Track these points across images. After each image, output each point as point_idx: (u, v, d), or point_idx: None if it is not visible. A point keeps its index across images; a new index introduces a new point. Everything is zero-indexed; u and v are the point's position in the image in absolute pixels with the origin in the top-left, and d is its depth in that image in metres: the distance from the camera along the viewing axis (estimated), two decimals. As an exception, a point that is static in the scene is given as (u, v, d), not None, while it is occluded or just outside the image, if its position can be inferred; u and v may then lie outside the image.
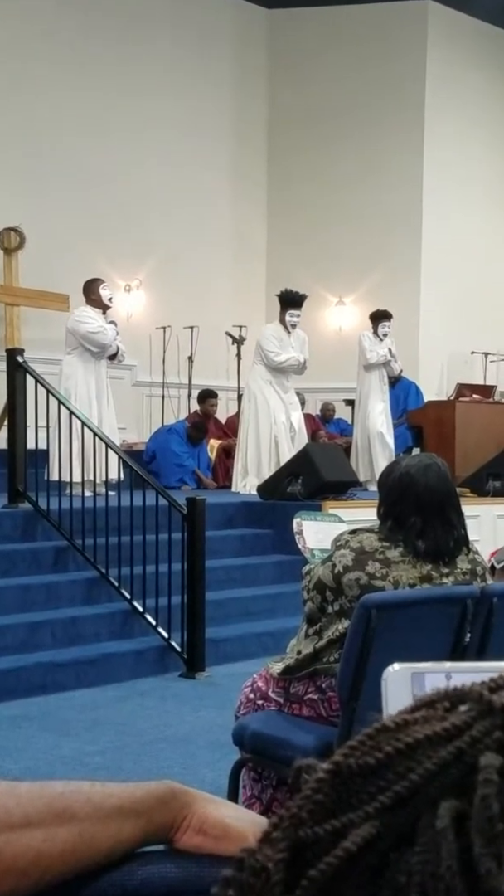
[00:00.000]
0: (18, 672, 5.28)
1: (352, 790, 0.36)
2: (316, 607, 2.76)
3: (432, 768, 0.35)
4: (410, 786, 0.35)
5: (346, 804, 0.36)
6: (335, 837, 0.35)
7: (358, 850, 0.35)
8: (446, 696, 0.38)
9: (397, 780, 0.36)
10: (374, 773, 0.36)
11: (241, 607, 6.55)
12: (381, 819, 0.35)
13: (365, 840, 0.35)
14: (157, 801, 0.77)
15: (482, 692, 0.37)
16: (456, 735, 0.36)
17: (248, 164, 12.65)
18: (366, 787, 0.36)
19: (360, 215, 12.24)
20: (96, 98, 10.90)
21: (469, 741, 0.36)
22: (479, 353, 12.16)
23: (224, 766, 2.99)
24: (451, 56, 12.41)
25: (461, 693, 0.38)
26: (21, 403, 6.69)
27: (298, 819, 0.37)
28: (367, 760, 0.37)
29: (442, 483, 2.74)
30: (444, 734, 0.36)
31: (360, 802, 0.36)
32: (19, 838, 0.72)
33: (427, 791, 0.35)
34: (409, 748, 0.36)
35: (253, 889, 0.36)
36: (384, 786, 0.36)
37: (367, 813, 0.36)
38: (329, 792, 0.37)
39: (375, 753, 0.37)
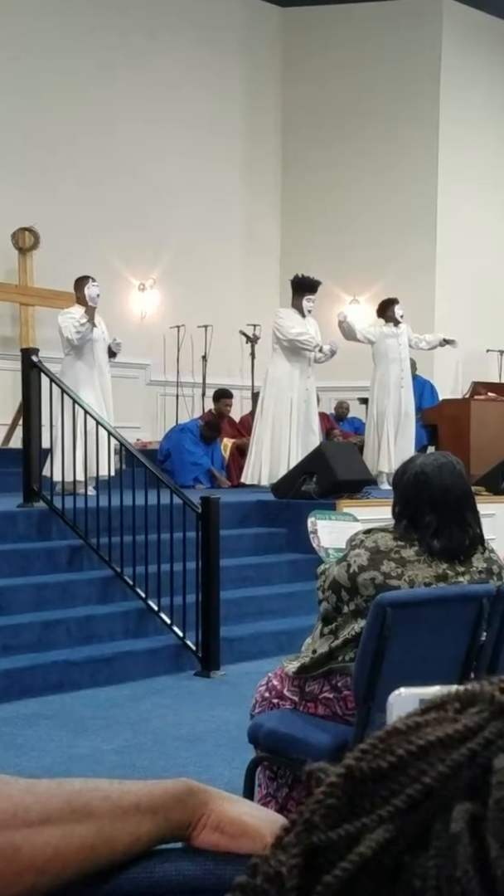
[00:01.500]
0: (34, 671, 5.30)
1: (364, 794, 0.36)
2: (331, 607, 2.76)
3: (445, 771, 0.35)
4: (424, 789, 0.35)
5: (358, 808, 0.36)
6: (349, 842, 0.35)
7: (373, 855, 0.35)
8: (457, 697, 0.38)
9: (410, 783, 0.35)
10: (387, 776, 0.36)
11: (255, 606, 6.55)
12: (395, 823, 0.35)
13: (379, 844, 0.34)
14: (175, 799, 0.78)
15: (493, 693, 0.37)
16: (469, 737, 0.36)
17: (261, 163, 12.65)
18: (378, 791, 0.36)
19: (375, 213, 12.22)
20: (110, 97, 10.92)
21: (483, 743, 0.35)
22: (494, 351, 12.12)
23: (239, 765, 2.99)
24: (466, 53, 12.38)
25: (472, 694, 0.38)
26: (36, 403, 6.70)
27: (311, 824, 0.36)
28: (379, 764, 0.36)
29: (457, 481, 2.73)
30: (457, 736, 0.36)
31: (374, 806, 0.36)
32: (38, 835, 0.73)
33: (441, 794, 0.35)
34: (422, 751, 0.36)
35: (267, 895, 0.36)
36: (397, 789, 0.36)
37: (381, 817, 0.35)
38: (341, 796, 0.36)
39: (388, 757, 0.36)
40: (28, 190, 10.05)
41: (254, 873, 0.37)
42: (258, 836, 0.75)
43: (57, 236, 9.86)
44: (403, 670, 2.55)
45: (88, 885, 0.76)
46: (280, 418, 8.53)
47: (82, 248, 10.20)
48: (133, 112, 11.15)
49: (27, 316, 9.68)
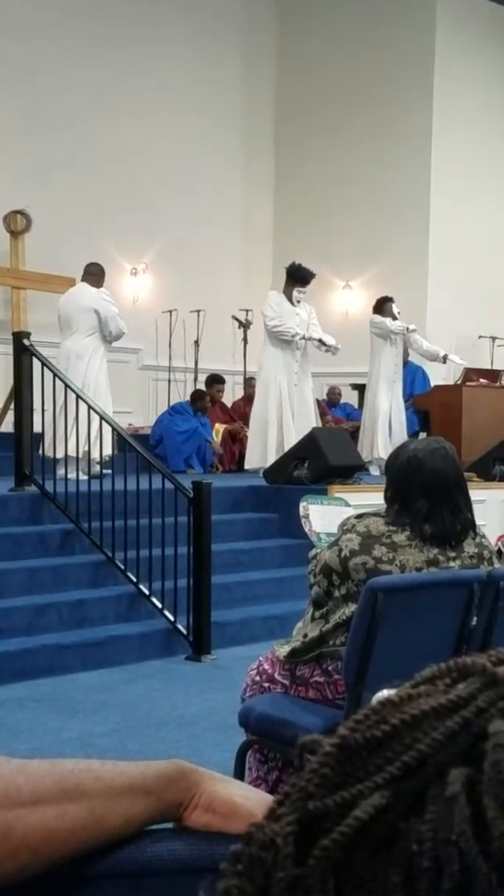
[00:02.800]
0: (25, 654, 5.30)
1: (359, 763, 0.37)
2: (322, 591, 2.77)
3: (440, 738, 0.35)
4: (418, 755, 0.35)
5: (353, 777, 0.36)
6: (344, 809, 0.35)
7: (368, 820, 0.35)
8: (448, 671, 0.38)
9: (405, 750, 0.36)
10: (381, 745, 0.37)
11: (246, 591, 6.56)
12: (391, 789, 0.35)
13: (375, 809, 0.35)
14: (167, 780, 0.78)
15: (485, 664, 0.37)
16: (462, 706, 0.36)
17: (255, 148, 12.60)
18: (373, 760, 0.36)
19: (368, 199, 12.19)
20: (104, 81, 10.85)
21: (475, 711, 0.36)
22: (486, 337, 12.12)
23: (230, 748, 3.00)
24: (461, 39, 12.32)
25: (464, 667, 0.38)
26: (27, 387, 6.69)
27: (306, 793, 0.37)
28: (373, 733, 0.37)
29: (449, 467, 2.73)
30: (450, 705, 0.36)
31: (368, 774, 0.36)
32: (30, 815, 0.73)
33: (435, 760, 0.35)
34: (416, 720, 0.36)
35: (262, 863, 0.36)
36: (392, 757, 0.36)
37: (377, 783, 0.36)
38: (335, 766, 0.37)
39: (382, 726, 0.37)
40: (20, 173, 10.00)
41: (248, 842, 0.37)
42: (249, 817, 0.75)
43: (49, 220, 9.81)
44: (394, 655, 2.56)
45: (80, 865, 0.76)
46: (269, 402, 8.53)
47: (74, 232, 10.16)
48: (127, 97, 11.08)
49: (19, 299, 9.64)
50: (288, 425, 8.48)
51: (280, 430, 8.49)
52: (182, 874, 0.76)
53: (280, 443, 8.42)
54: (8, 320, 9.61)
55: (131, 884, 0.77)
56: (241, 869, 0.36)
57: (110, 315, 7.44)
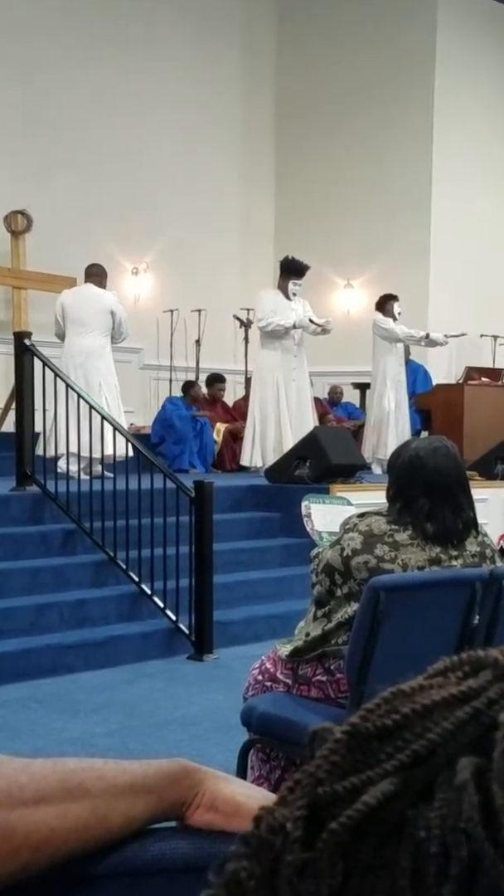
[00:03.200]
0: (27, 654, 5.31)
1: (369, 751, 0.37)
2: (325, 590, 2.77)
3: (450, 727, 0.36)
4: (428, 744, 0.36)
5: (363, 764, 0.37)
6: (353, 795, 0.36)
7: (377, 806, 0.35)
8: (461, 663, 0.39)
9: (415, 739, 0.36)
10: (392, 734, 0.37)
11: (248, 590, 6.56)
12: (400, 777, 0.36)
13: (385, 795, 0.35)
14: (169, 779, 0.78)
15: (497, 657, 0.37)
16: (473, 696, 0.36)
17: (255, 147, 12.60)
18: (383, 748, 0.37)
19: (369, 198, 12.18)
20: (104, 81, 10.85)
21: (486, 702, 0.36)
22: (488, 336, 12.12)
23: (232, 748, 3.00)
24: (462, 38, 12.31)
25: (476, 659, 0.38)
26: (29, 386, 6.69)
27: (316, 779, 0.37)
28: (384, 722, 0.37)
29: (451, 465, 2.73)
30: (461, 696, 0.37)
31: (378, 762, 0.36)
32: (32, 814, 0.73)
33: (445, 749, 0.35)
34: (426, 710, 0.37)
35: (272, 846, 0.36)
36: (402, 745, 0.36)
37: (386, 771, 0.36)
38: (346, 753, 0.37)
39: (392, 716, 0.37)
40: (20, 173, 10.00)
41: (258, 825, 0.37)
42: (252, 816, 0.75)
43: (50, 219, 9.82)
44: (396, 653, 2.55)
45: (83, 864, 0.76)
46: (266, 401, 8.54)
47: (75, 232, 10.16)
48: (128, 97, 11.08)
49: (20, 299, 9.64)
50: (284, 423, 8.49)
51: (278, 428, 8.50)
52: (185, 873, 0.76)
53: (278, 441, 8.43)
54: (9, 320, 9.61)
55: (134, 883, 0.77)
56: (250, 851, 0.36)
57: (124, 317, 7.74)
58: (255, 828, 0.37)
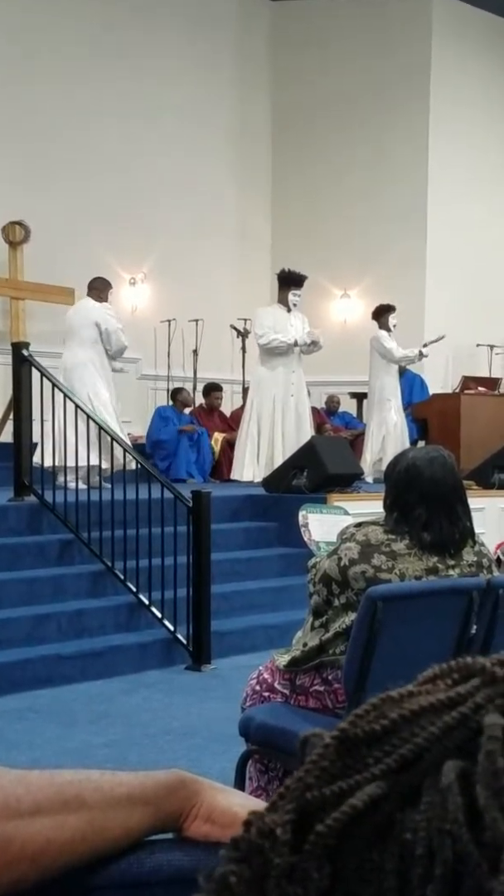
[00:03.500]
0: (24, 665, 5.29)
1: (357, 756, 0.37)
2: (322, 600, 2.77)
3: (437, 732, 0.36)
4: (415, 749, 0.36)
5: (352, 769, 0.37)
6: (341, 799, 0.36)
7: (364, 809, 0.35)
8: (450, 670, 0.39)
9: (402, 744, 0.37)
10: (380, 739, 0.37)
11: (246, 600, 6.55)
12: (387, 781, 0.36)
13: (371, 798, 0.35)
14: (166, 790, 0.78)
15: (485, 664, 0.38)
16: (459, 702, 0.37)
17: (252, 156, 12.63)
18: (371, 753, 0.37)
19: (365, 207, 12.22)
20: (101, 90, 10.88)
21: (473, 707, 0.36)
22: (484, 345, 12.14)
23: (230, 758, 3.00)
24: (457, 46, 12.37)
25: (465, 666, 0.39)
26: (26, 397, 6.69)
27: (305, 784, 0.37)
28: (372, 727, 0.37)
29: (448, 475, 2.73)
30: (448, 702, 0.37)
31: (366, 767, 0.37)
32: (29, 825, 0.73)
33: (432, 754, 0.36)
34: (414, 715, 0.37)
35: (261, 850, 0.37)
36: (389, 750, 0.37)
37: (374, 775, 0.36)
38: (335, 758, 0.37)
39: (381, 721, 0.38)
40: (18, 183, 10.02)
41: (247, 829, 0.37)
42: (249, 826, 0.75)
43: (47, 230, 9.83)
44: (393, 663, 2.55)
45: (80, 875, 0.76)
46: (262, 417, 8.57)
47: (73, 242, 10.18)
48: (124, 106, 11.11)
49: (17, 310, 9.65)
50: (277, 441, 8.53)
51: (270, 446, 8.54)
52: (182, 885, 0.76)
53: (270, 457, 8.47)
54: (7, 330, 9.62)
55: (131, 894, 0.77)
56: (240, 855, 0.37)
57: (112, 329, 7.63)
58: (244, 832, 0.38)
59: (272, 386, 8.59)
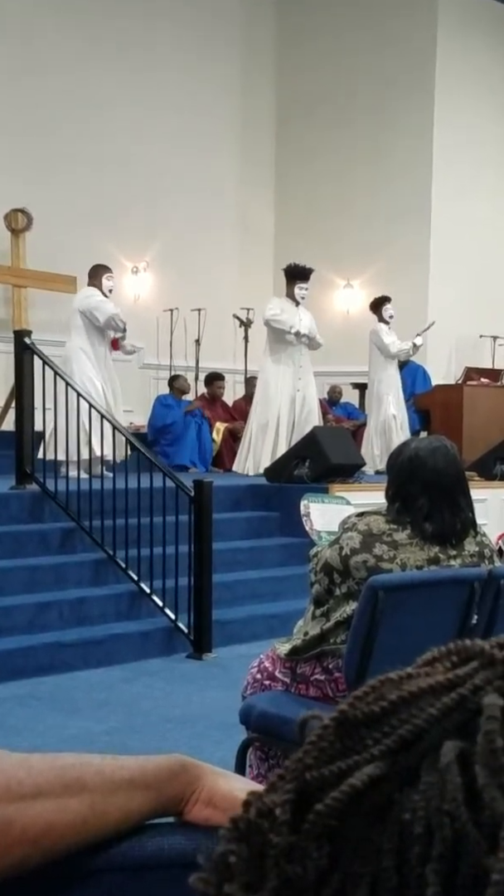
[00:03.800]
0: (26, 652, 5.31)
1: (357, 737, 0.37)
2: (323, 589, 2.77)
3: (436, 713, 0.36)
4: (414, 730, 0.36)
5: (351, 750, 0.37)
6: (340, 779, 0.36)
7: (363, 789, 0.35)
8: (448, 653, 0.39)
9: (401, 725, 0.37)
10: (379, 720, 0.37)
11: (247, 589, 6.56)
12: (386, 761, 0.36)
13: (371, 778, 0.36)
14: (168, 774, 0.78)
15: (484, 647, 0.38)
16: (458, 684, 0.37)
17: (255, 147, 12.60)
18: (371, 734, 0.37)
19: (369, 198, 12.19)
20: (104, 80, 10.85)
21: (471, 688, 0.37)
22: (487, 336, 12.13)
23: (231, 746, 3.01)
24: (462, 39, 12.31)
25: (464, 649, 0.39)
26: (28, 385, 6.69)
27: (304, 765, 0.37)
28: (371, 709, 0.38)
29: (450, 465, 2.73)
30: (447, 683, 0.37)
31: (366, 747, 0.37)
32: (30, 808, 0.73)
33: (431, 734, 0.36)
34: (413, 696, 0.37)
35: (260, 829, 0.37)
36: (389, 731, 0.37)
37: (373, 755, 0.36)
38: (334, 739, 0.38)
39: (380, 702, 0.38)
40: (21, 171, 10.00)
41: (247, 809, 0.37)
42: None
43: (50, 218, 9.81)
44: (394, 653, 2.55)
45: (81, 858, 0.76)
46: (268, 411, 8.59)
47: (75, 230, 10.16)
48: (128, 96, 11.08)
49: (20, 297, 9.64)
50: (282, 435, 8.54)
51: (275, 439, 8.55)
52: (183, 868, 0.76)
53: (272, 452, 8.48)
54: (9, 318, 9.62)
55: (132, 877, 0.77)
56: (239, 835, 0.37)
57: (91, 306, 7.50)
58: (244, 812, 0.38)
59: (278, 380, 8.61)
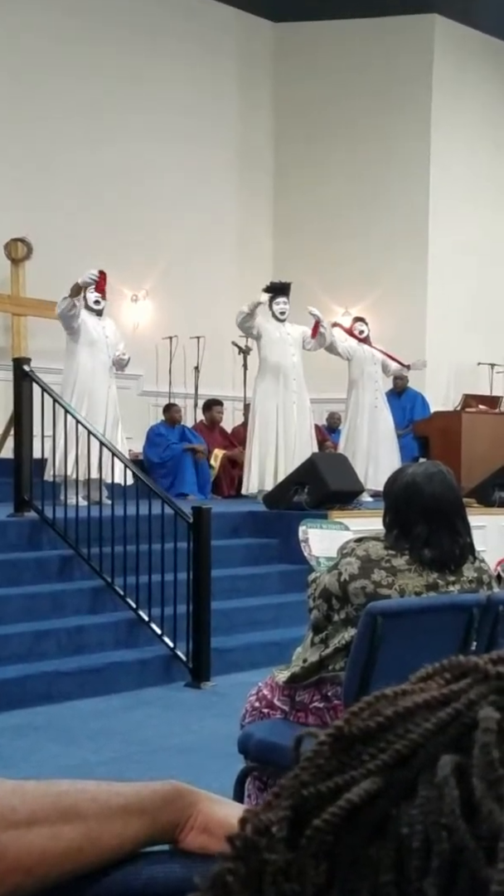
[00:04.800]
0: (24, 681, 5.27)
1: (352, 753, 0.37)
2: (322, 616, 2.76)
3: (431, 728, 0.36)
4: (410, 744, 0.36)
5: (347, 766, 0.37)
6: (337, 795, 0.36)
7: (360, 804, 0.35)
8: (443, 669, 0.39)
9: (397, 740, 0.37)
10: (374, 736, 0.37)
11: (246, 617, 6.54)
12: (383, 776, 0.36)
13: (368, 793, 0.35)
14: (163, 801, 0.77)
15: (478, 662, 0.38)
16: (453, 699, 0.37)
17: (254, 176, 12.69)
18: (366, 750, 0.37)
19: (367, 227, 12.27)
20: (104, 109, 10.95)
21: (466, 703, 0.37)
22: (485, 363, 12.16)
23: (229, 775, 2.98)
24: (458, 69, 12.45)
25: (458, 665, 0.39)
26: (27, 412, 6.70)
27: (300, 781, 0.37)
28: (367, 724, 0.38)
29: (448, 491, 2.73)
30: (442, 699, 0.37)
31: (362, 763, 0.37)
32: (24, 836, 0.72)
33: (426, 749, 0.36)
34: (409, 712, 0.37)
35: (257, 846, 0.36)
36: (384, 746, 0.37)
37: (369, 770, 0.36)
38: (330, 756, 0.38)
39: (375, 718, 0.38)
40: (21, 200, 10.06)
41: (243, 827, 0.37)
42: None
43: (50, 247, 9.87)
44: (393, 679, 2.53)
45: (75, 886, 0.75)
46: (265, 429, 8.60)
47: (75, 259, 10.17)
48: (127, 124, 11.18)
49: (19, 326, 9.68)
50: (281, 450, 8.54)
51: (276, 457, 8.55)
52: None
53: (277, 469, 8.47)
54: (8, 347, 9.65)
55: (127, 906, 0.76)
56: (236, 853, 0.37)
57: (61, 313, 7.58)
58: (240, 830, 0.37)
59: (269, 399, 8.65)
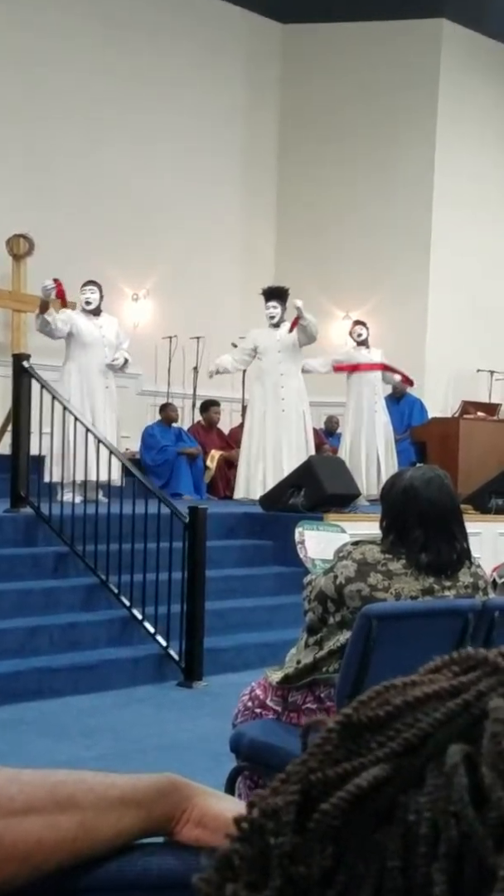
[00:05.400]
0: (16, 676, 5.27)
1: (361, 741, 0.38)
2: (317, 618, 2.76)
3: (441, 718, 0.37)
4: (419, 733, 0.36)
5: (355, 754, 0.37)
6: (345, 780, 0.36)
7: (368, 790, 0.36)
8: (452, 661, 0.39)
9: (406, 729, 0.37)
10: (384, 724, 0.38)
11: (240, 618, 6.54)
12: (391, 763, 0.36)
13: (376, 780, 0.36)
14: (159, 793, 0.78)
15: (488, 655, 0.38)
16: (463, 690, 0.37)
17: (257, 177, 12.70)
18: (375, 737, 0.37)
19: (370, 231, 12.28)
20: (109, 108, 10.96)
21: (476, 694, 0.37)
22: (484, 370, 12.17)
23: (220, 775, 2.98)
24: (465, 74, 12.47)
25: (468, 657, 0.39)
26: (25, 408, 6.69)
27: (308, 767, 0.38)
28: (376, 713, 0.38)
29: (445, 496, 2.73)
30: (452, 689, 0.38)
31: (370, 751, 0.37)
32: (21, 824, 0.73)
33: (435, 739, 0.36)
34: (418, 701, 0.38)
35: (263, 829, 0.37)
36: (393, 735, 0.37)
37: (378, 757, 0.37)
38: (339, 743, 0.38)
39: (385, 707, 0.38)
40: (23, 197, 10.07)
41: (250, 809, 0.37)
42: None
43: (51, 244, 9.86)
44: (387, 682, 2.54)
45: (71, 876, 0.76)
46: (253, 435, 8.64)
47: (76, 256, 10.20)
48: (131, 124, 11.18)
49: (19, 322, 9.68)
50: (268, 455, 8.56)
51: (265, 461, 8.58)
52: (172, 889, 0.76)
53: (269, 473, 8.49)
54: (7, 342, 9.64)
55: (121, 897, 0.77)
56: (243, 835, 0.37)
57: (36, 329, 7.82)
58: (248, 812, 0.38)
59: (259, 403, 8.70)
